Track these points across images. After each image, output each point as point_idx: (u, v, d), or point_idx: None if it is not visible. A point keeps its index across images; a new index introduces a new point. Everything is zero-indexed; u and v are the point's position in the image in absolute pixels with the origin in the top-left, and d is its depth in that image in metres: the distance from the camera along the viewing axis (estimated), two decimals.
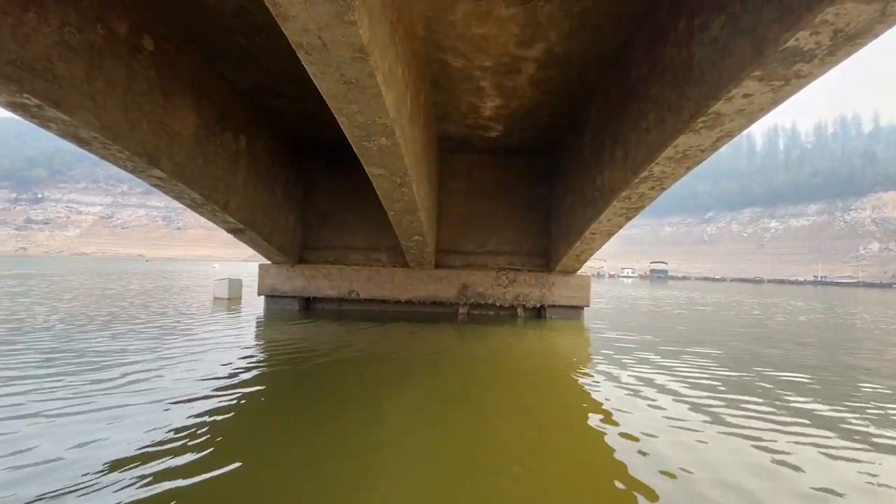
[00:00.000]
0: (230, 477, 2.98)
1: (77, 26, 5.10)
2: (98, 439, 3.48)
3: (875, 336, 11.94)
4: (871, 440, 4.09)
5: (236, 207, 8.63)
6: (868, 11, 2.98)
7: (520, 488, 3.04)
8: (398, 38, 4.87)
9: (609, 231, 8.33)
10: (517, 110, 9.54)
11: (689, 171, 5.82)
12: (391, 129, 5.02)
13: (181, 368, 5.80)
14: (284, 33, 3.47)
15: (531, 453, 3.65)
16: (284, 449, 3.55)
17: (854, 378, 6.72)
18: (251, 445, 3.62)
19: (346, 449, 3.59)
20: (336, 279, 11.52)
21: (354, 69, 3.88)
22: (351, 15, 3.21)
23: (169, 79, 6.57)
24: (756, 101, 4.15)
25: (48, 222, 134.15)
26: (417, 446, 3.77)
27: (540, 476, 3.25)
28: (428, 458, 3.54)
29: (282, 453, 3.45)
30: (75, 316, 9.99)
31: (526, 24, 6.49)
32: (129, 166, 6.36)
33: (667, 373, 6.39)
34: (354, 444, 3.68)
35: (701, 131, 4.76)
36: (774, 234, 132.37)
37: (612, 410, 4.73)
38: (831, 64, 3.56)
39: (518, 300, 11.48)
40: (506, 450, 3.69)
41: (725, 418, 4.52)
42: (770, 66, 3.62)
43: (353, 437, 3.80)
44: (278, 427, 4.08)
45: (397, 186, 6.68)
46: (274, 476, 3.01)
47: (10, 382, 4.96)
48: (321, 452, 3.50)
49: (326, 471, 3.17)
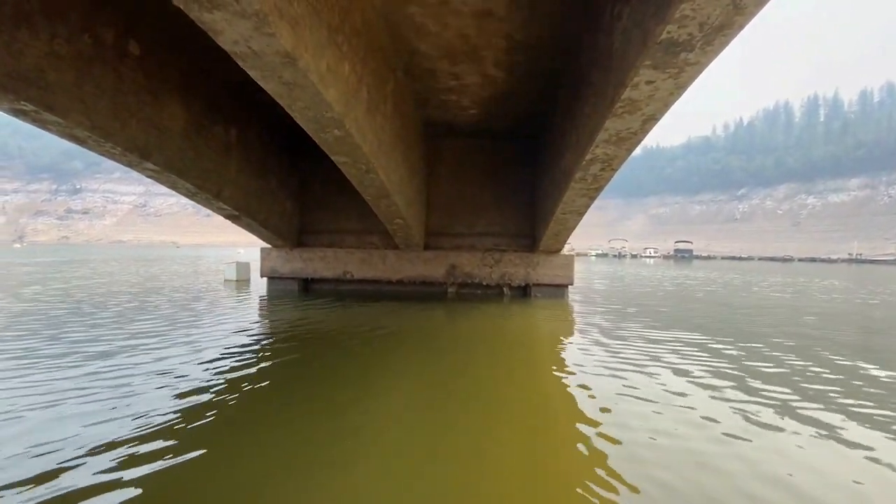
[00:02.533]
0: (220, 446, 3.31)
1: (65, 38, 5.75)
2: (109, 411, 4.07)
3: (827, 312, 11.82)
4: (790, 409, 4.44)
5: (230, 196, 9.33)
6: (721, 5, 3.26)
7: (486, 414, 4.06)
8: (343, 38, 5.31)
9: (577, 211, 8.63)
10: (493, 96, 9.82)
11: (630, 152, 6.09)
12: (340, 122, 5.51)
13: (182, 342, 6.59)
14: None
15: (502, 394, 4.65)
16: (288, 407, 4.11)
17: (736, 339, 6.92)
18: (241, 420, 3.89)
19: (345, 400, 4.29)
20: (331, 261, 12.22)
21: (288, 72, 4.37)
22: (268, 28, 3.69)
23: (156, 79, 7.21)
24: (662, 87, 4.43)
25: (87, 212, 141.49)
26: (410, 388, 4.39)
27: (509, 408, 4.25)
28: (421, 408, 4.30)
29: (287, 411, 4.02)
30: (111, 295, 11.09)
31: (482, 14, 6.79)
32: (124, 160, 7.08)
33: (637, 348, 6.82)
34: (351, 396, 4.40)
35: (623, 115, 5.05)
36: (811, 211, 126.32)
37: (573, 367, 5.42)
38: (713, 52, 3.83)
39: (504, 279, 11.92)
40: (482, 398, 4.56)
41: (661, 376, 4.96)
42: (657, 56, 3.91)
43: (349, 398, 4.39)
44: (278, 391, 4.65)
45: (364, 173, 7.19)
46: (281, 427, 3.63)
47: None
48: (319, 407, 4.13)
49: (327, 423, 3.80)
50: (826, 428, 3.76)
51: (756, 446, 3.41)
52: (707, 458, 3.20)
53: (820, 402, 4.39)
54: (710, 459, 3.18)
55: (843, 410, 4.18)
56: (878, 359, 6.34)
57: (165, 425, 3.53)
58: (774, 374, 5.37)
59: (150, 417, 3.66)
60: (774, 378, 5.20)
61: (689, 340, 7.24)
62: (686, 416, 3.99)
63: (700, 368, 5.54)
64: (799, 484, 2.86)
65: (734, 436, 3.57)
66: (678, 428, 3.73)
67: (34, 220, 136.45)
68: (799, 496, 2.72)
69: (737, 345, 6.98)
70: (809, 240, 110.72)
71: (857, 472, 3.06)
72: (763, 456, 3.25)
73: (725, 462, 3.15)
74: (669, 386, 4.81)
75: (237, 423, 3.78)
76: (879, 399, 4.54)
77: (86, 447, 3.14)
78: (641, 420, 3.87)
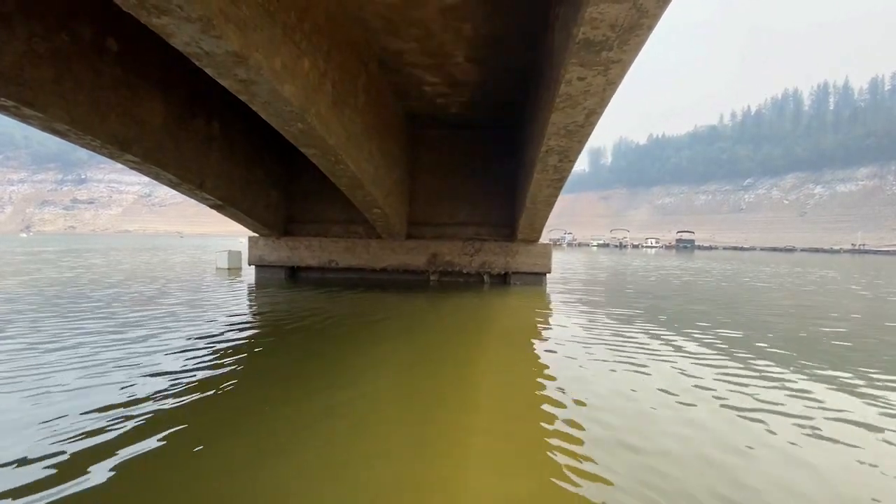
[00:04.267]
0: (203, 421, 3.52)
1: (43, 36, 6.06)
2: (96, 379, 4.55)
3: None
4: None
5: (213, 186, 9.67)
6: (625, 9, 3.51)
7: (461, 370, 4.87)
8: (301, 35, 5.58)
9: (546, 201, 8.89)
10: (469, 88, 10.04)
11: (582, 144, 6.34)
12: (301, 116, 5.80)
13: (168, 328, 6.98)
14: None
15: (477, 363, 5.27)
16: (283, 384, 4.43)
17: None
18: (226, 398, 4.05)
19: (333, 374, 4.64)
20: (317, 250, 12.58)
21: (241, 70, 4.67)
22: (213, 31, 3.98)
23: (135, 74, 7.52)
24: (594, 83, 4.68)
25: (92, 202, 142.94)
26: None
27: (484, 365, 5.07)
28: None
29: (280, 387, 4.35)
30: (107, 285, 11.54)
31: (447, 9, 7.01)
32: (105, 152, 7.42)
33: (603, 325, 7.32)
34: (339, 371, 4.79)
35: (566, 109, 5.30)
36: (819, 201, 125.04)
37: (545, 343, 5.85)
38: (631, 51, 4.07)
39: (484, 268, 12.23)
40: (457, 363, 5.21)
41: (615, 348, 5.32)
42: (581, 54, 4.16)
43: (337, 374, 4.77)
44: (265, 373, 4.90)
45: (334, 164, 7.49)
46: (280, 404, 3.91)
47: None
48: (308, 386, 4.42)
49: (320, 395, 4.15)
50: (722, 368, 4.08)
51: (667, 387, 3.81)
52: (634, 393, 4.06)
53: (721, 356, 4.71)
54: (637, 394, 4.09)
55: (744, 363, 4.50)
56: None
57: (134, 412, 3.58)
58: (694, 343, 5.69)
59: (120, 405, 3.73)
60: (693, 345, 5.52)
61: (643, 320, 7.56)
62: (634, 377, 4.70)
63: (645, 335, 5.92)
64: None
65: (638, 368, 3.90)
66: (633, 387, 4.37)
67: (41, 210, 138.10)
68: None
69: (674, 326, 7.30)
70: (816, 230, 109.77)
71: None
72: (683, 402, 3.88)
73: (649, 397, 3.99)
74: (628, 356, 5.50)
75: (216, 407, 3.82)
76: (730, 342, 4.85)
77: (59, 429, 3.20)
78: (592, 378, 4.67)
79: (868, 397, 4.23)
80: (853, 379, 4.78)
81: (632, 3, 3.40)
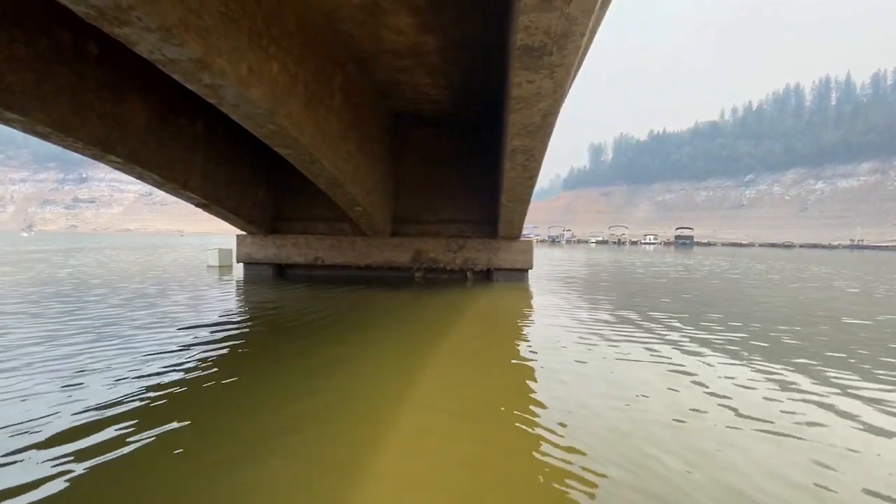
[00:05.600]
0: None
1: (23, 41, 6.29)
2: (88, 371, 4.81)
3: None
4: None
5: (198, 185, 9.90)
6: (554, 17, 3.72)
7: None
8: (269, 40, 5.80)
9: (520, 199, 9.10)
10: (448, 87, 10.24)
11: (544, 143, 6.55)
12: (271, 117, 6.02)
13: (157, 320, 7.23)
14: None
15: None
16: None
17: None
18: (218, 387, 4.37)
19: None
20: (303, 247, 12.82)
21: (205, 75, 4.89)
22: (174, 39, 4.20)
23: (116, 77, 7.74)
24: (543, 86, 4.89)
25: (93, 201, 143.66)
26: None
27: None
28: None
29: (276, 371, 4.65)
30: (83, 282, 11.81)
31: (415, 12, 7.21)
32: (88, 153, 7.66)
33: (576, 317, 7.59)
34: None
35: (521, 111, 5.52)
36: (819, 197, 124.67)
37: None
38: (571, 55, 4.28)
39: (467, 264, 12.45)
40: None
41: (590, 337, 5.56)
42: (524, 59, 4.37)
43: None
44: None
45: (309, 163, 7.71)
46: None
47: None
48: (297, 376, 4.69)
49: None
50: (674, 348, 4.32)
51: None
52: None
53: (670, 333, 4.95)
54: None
55: (690, 337, 4.73)
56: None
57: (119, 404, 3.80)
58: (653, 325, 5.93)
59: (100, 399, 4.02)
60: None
61: (617, 307, 7.80)
62: (593, 352, 5.57)
63: (616, 319, 6.17)
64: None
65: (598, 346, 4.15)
66: (587, 359, 5.24)
67: (42, 210, 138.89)
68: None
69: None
70: (817, 226, 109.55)
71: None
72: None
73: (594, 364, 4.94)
74: (587, 339, 6.24)
75: (202, 398, 4.03)
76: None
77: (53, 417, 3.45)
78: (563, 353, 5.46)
79: (748, 363, 5.09)
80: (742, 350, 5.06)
81: (559, 12, 3.61)
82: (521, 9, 3.61)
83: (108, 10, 3.82)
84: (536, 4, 3.50)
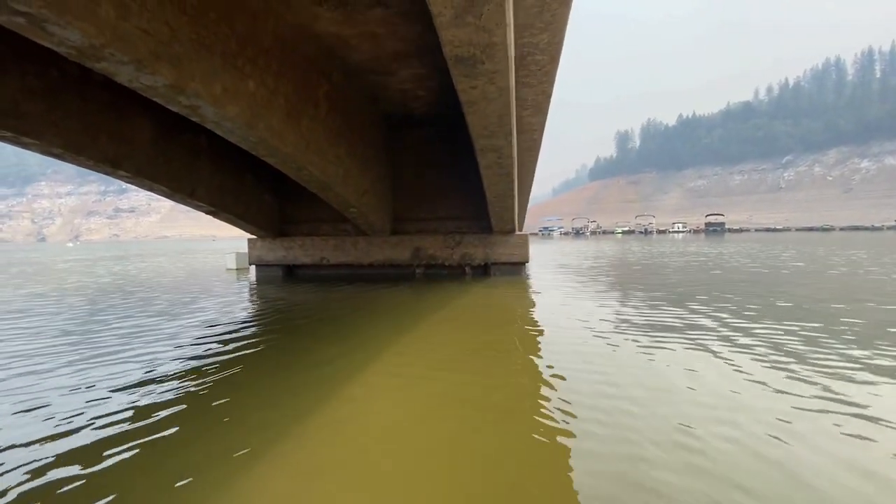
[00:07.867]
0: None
1: (35, 74, 7.02)
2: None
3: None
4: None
5: (204, 194, 10.62)
6: (472, 31, 4.00)
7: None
8: (244, 60, 6.29)
9: (503, 194, 9.35)
10: (434, 90, 10.55)
11: (510, 142, 6.80)
12: (251, 131, 6.53)
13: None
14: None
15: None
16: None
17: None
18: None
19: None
20: (309, 248, 13.46)
21: (182, 98, 5.42)
22: (146, 69, 4.72)
23: (121, 97, 8.44)
24: (488, 90, 5.18)
25: (133, 210, 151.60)
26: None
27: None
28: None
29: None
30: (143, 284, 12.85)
31: (385, 22, 7.57)
32: (99, 170, 8.42)
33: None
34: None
35: (475, 113, 5.84)
36: (865, 176, 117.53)
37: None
38: (501, 62, 4.55)
39: (464, 260, 12.78)
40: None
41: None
42: (459, 67, 4.67)
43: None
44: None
45: (297, 170, 8.22)
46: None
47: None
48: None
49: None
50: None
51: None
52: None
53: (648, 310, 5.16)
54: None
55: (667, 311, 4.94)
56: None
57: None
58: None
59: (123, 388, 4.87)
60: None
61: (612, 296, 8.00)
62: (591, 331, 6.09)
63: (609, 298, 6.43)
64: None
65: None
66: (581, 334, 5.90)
67: (87, 220, 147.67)
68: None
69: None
70: (862, 206, 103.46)
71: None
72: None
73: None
74: (588, 323, 6.66)
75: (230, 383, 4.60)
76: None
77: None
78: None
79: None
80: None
81: (475, 26, 3.90)
82: (440, 25, 3.93)
83: (84, 49, 4.36)
84: (451, 21, 3.80)
